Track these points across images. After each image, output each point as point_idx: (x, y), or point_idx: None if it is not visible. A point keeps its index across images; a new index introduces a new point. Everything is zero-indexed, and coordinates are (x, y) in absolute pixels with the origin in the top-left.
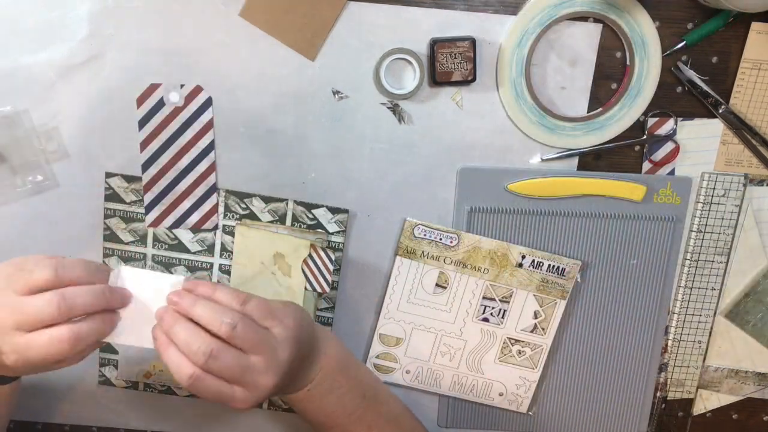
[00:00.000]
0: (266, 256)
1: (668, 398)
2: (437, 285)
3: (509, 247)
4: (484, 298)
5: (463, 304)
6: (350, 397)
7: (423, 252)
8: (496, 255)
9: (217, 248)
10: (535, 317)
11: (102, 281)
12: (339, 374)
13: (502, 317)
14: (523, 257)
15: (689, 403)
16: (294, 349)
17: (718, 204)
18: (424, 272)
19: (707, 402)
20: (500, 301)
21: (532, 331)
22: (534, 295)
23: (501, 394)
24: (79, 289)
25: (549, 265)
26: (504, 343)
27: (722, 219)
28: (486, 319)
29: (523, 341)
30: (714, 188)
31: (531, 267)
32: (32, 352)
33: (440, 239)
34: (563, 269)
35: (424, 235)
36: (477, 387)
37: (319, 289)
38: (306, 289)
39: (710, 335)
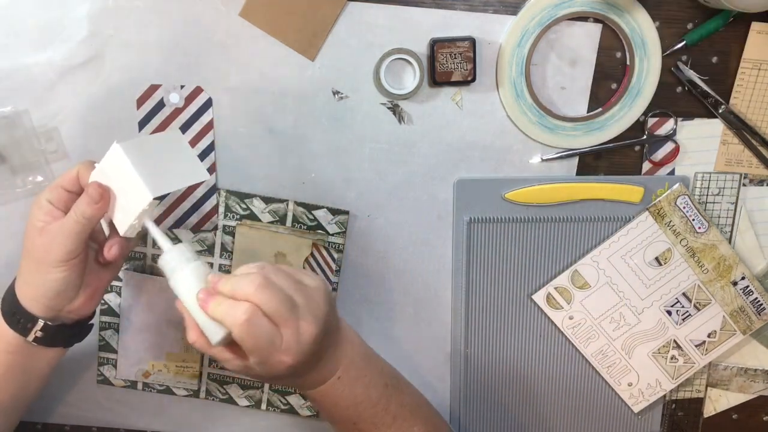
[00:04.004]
0: (267, 256)
1: (678, 398)
2: (656, 258)
3: (739, 263)
4: (683, 294)
5: (662, 289)
6: (375, 386)
7: (670, 222)
8: (724, 262)
9: (217, 248)
10: (709, 336)
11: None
12: (363, 362)
13: (684, 320)
14: (743, 278)
15: (699, 402)
16: (328, 305)
17: (713, 203)
18: (655, 239)
19: (717, 403)
20: (694, 305)
21: (697, 346)
22: (724, 316)
23: (630, 385)
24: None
25: (756, 298)
26: (668, 342)
27: (719, 218)
28: (669, 313)
29: (683, 350)
30: (708, 188)
31: (741, 291)
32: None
33: (693, 219)
34: (764, 309)
35: (684, 207)
36: (616, 366)
37: None
38: None
39: None
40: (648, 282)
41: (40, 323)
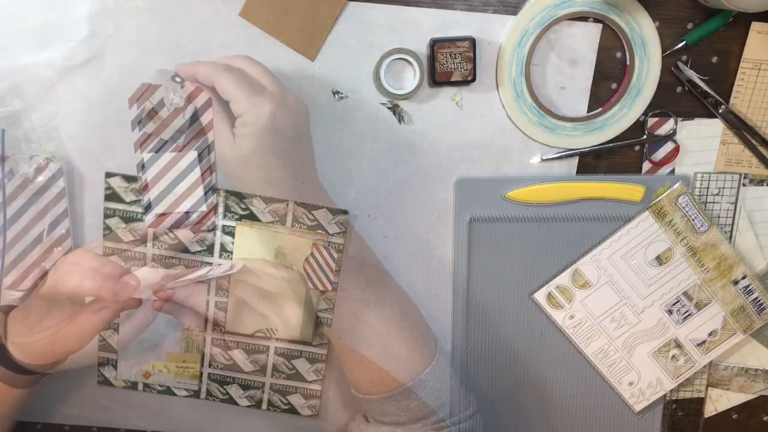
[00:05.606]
0: (267, 255)
1: (678, 398)
2: (657, 258)
3: (739, 262)
4: (683, 293)
5: (662, 288)
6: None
7: (671, 221)
8: (724, 261)
9: (217, 248)
10: (710, 335)
11: None
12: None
13: (685, 319)
14: (743, 277)
15: (700, 401)
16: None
17: (713, 203)
18: (656, 239)
19: (717, 403)
20: (695, 304)
21: (698, 345)
22: (724, 315)
23: (631, 384)
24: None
25: (756, 297)
26: (669, 341)
27: (718, 218)
28: (670, 312)
29: (684, 349)
30: (708, 187)
31: (742, 290)
32: (62, 282)
33: (694, 218)
34: (764, 308)
35: (685, 206)
36: (617, 366)
37: (321, 288)
38: (308, 287)
39: None
40: (649, 281)
41: None
